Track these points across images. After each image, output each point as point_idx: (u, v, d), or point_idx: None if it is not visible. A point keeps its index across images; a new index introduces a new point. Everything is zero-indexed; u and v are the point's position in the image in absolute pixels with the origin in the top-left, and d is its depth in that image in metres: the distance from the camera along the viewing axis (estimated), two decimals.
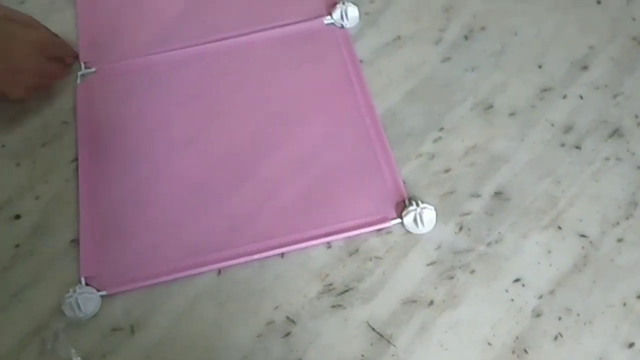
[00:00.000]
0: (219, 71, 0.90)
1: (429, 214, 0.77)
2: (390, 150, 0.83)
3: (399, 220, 0.77)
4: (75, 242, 0.76)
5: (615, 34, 0.94)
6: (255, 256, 0.75)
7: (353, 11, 0.95)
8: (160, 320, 0.71)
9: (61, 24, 0.92)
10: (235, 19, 0.95)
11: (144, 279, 0.74)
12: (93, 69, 0.89)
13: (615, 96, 0.88)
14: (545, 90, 0.88)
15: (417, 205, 0.77)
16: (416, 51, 0.93)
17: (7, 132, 0.86)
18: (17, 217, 0.78)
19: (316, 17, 0.96)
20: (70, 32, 0.92)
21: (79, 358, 0.69)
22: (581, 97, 0.88)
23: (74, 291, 0.72)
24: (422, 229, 0.77)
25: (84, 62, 0.90)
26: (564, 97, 0.88)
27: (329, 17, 0.95)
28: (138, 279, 0.74)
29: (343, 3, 0.95)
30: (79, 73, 0.89)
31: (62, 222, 0.78)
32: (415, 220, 0.76)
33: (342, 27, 0.95)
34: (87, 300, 0.71)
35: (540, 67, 0.91)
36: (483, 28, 0.95)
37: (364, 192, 0.80)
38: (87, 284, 0.73)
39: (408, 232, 0.77)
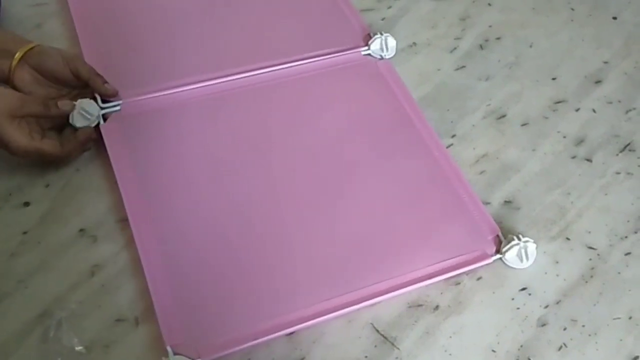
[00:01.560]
0: (259, 106, 0.85)
1: (531, 247, 0.74)
2: (469, 184, 0.81)
3: (498, 255, 0.75)
4: (84, 231, 0.76)
5: (630, 50, 0.94)
6: (348, 309, 0.70)
7: (392, 42, 0.93)
8: None
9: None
10: (268, 50, 0.91)
11: (236, 343, 0.68)
12: (118, 107, 0.83)
13: (627, 111, 0.88)
14: (558, 102, 0.88)
15: (519, 239, 0.74)
16: (431, 58, 0.93)
17: None
18: (27, 204, 0.78)
19: (353, 48, 0.93)
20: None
21: (82, 347, 0.69)
22: (594, 111, 0.88)
23: None
24: (525, 264, 0.74)
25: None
26: (577, 110, 0.88)
27: (365, 47, 0.93)
28: (230, 343, 0.68)
29: (381, 34, 0.93)
30: (101, 112, 0.81)
31: (71, 212, 0.78)
32: (519, 255, 0.74)
33: (382, 57, 0.93)
34: None
35: (554, 79, 0.91)
36: (498, 38, 0.95)
37: (452, 230, 0.76)
38: (175, 353, 0.66)
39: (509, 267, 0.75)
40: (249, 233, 0.75)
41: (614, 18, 0.99)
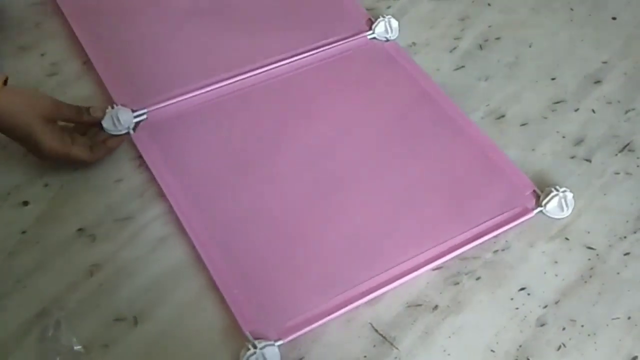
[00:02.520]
0: (276, 100, 0.87)
1: (569, 196, 0.78)
2: (498, 146, 0.83)
3: (539, 208, 0.78)
4: (82, 230, 0.76)
5: (630, 50, 0.94)
6: (412, 275, 0.73)
7: (395, 23, 0.95)
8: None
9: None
10: (276, 45, 0.92)
11: (310, 321, 0.70)
12: (145, 115, 0.84)
13: (627, 111, 0.88)
14: (557, 102, 0.88)
15: (557, 190, 0.77)
16: (430, 58, 0.93)
17: None
18: (25, 203, 0.78)
19: (358, 34, 0.95)
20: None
21: (80, 346, 0.69)
22: (593, 111, 0.88)
23: (254, 347, 0.66)
24: (565, 213, 0.77)
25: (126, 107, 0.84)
26: (576, 110, 0.88)
27: (370, 32, 0.95)
28: (305, 322, 0.70)
29: (383, 17, 0.94)
30: (132, 122, 0.82)
31: (69, 211, 0.78)
32: (559, 204, 0.77)
33: (387, 40, 0.94)
34: (272, 355, 0.67)
35: (553, 79, 0.91)
36: (498, 38, 0.96)
37: (490, 191, 0.79)
38: (256, 338, 0.68)
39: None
40: (291, 218, 0.77)
41: (614, 18, 0.99)
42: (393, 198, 0.79)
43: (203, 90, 0.86)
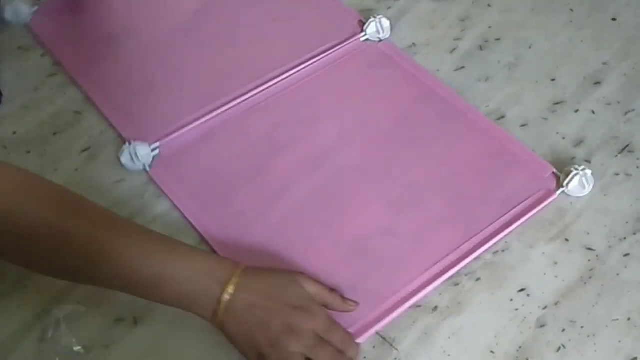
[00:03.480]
0: (281, 114, 0.87)
1: (588, 172, 0.80)
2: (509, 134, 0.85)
3: (561, 189, 0.79)
4: None
5: (629, 52, 0.94)
6: (455, 269, 0.74)
7: (386, 22, 0.95)
8: None
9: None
10: (269, 62, 0.91)
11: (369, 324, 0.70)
12: (157, 150, 0.83)
13: (626, 113, 0.88)
14: (557, 103, 0.89)
15: (576, 169, 0.79)
16: (431, 59, 0.93)
17: (19, 119, 0.86)
18: None
19: (351, 37, 0.95)
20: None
21: (80, 347, 0.69)
22: (593, 112, 0.88)
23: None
24: (587, 190, 0.79)
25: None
26: (576, 111, 0.88)
27: (362, 34, 0.95)
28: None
29: (374, 17, 0.94)
30: (151, 157, 0.82)
31: None
32: (581, 183, 0.79)
33: (380, 40, 0.95)
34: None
35: (553, 80, 0.91)
36: (498, 39, 0.96)
37: (509, 179, 0.80)
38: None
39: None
40: (322, 228, 0.77)
41: (613, 19, 0.99)
42: (416, 197, 0.79)
43: (208, 117, 0.85)
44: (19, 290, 0.72)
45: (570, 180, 0.79)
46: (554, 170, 0.81)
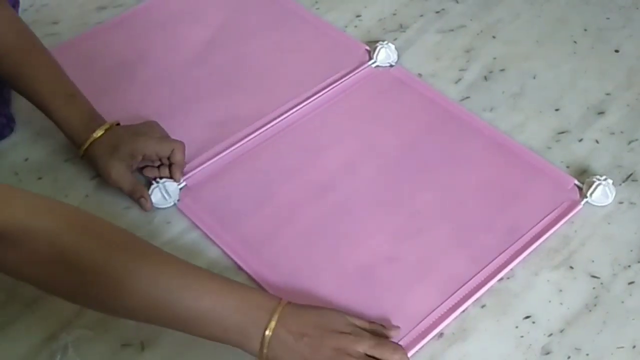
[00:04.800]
0: (301, 142, 0.88)
1: (609, 182, 0.81)
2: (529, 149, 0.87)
3: (585, 199, 0.81)
4: None
5: (632, 82, 0.95)
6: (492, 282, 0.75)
7: (392, 47, 0.97)
8: None
9: None
10: (284, 94, 0.93)
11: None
12: (184, 183, 0.84)
13: (630, 142, 0.89)
14: (561, 132, 0.89)
15: (599, 179, 0.81)
16: (436, 89, 0.94)
17: (31, 146, 0.88)
18: None
19: (361, 65, 0.96)
20: None
21: None
22: (597, 142, 0.89)
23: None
24: (609, 199, 0.81)
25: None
26: (580, 140, 0.89)
27: (372, 60, 0.96)
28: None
29: (381, 43, 0.97)
30: (178, 192, 0.84)
31: None
32: (604, 193, 0.81)
33: (391, 65, 0.96)
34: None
35: (557, 110, 0.92)
36: (503, 70, 0.97)
37: (533, 193, 0.82)
38: None
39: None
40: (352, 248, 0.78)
41: (616, 51, 1.00)
42: (446, 218, 0.80)
43: (228, 151, 0.87)
44: (28, 314, 0.73)
45: (594, 190, 0.80)
46: (576, 182, 0.83)
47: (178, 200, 0.82)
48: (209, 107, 0.93)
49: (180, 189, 0.83)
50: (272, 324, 0.64)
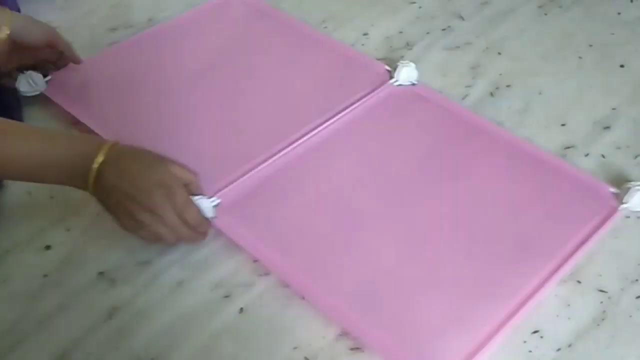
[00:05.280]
0: (330, 163, 0.88)
1: None
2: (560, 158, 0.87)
3: (624, 205, 0.81)
4: (102, 274, 0.77)
5: (638, 97, 0.96)
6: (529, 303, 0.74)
7: (412, 65, 0.97)
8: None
9: None
10: (304, 114, 0.93)
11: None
12: (218, 200, 0.83)
13: (636, 156, 0.89)
14: (567, 147, 0.90)
15: (635, 184, 0.81)
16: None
17: None
18: (48, 247, 0.80)
19: (383, 84, 0.97)
20: None
21: None
22: (603, 156, 0.89)
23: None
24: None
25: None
26: (586, 155, 0.89)
27: (394, 79, 0.97)
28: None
29: (402, 62, 0.97)
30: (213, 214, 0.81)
31: (91, 255, 0.79)
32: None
33: (414, 84, 0.97)
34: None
35: (563, 125, 0.93)
36: (509, 86, 0.98)
37: (570, 203, 0.82)
38: None
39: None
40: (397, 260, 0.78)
41: (622, 66, 1.01)
42: (486, 235, 0.80)
43: (260, 167, 0.87)
44: (39, 332, 0.73)
45: (632, 196, 0.81)
46: (611, 189, 0.83)
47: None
48: (230, 127, 0.93)
49: (214, 206, 0.82)
50: (100, 158, 0.72)
